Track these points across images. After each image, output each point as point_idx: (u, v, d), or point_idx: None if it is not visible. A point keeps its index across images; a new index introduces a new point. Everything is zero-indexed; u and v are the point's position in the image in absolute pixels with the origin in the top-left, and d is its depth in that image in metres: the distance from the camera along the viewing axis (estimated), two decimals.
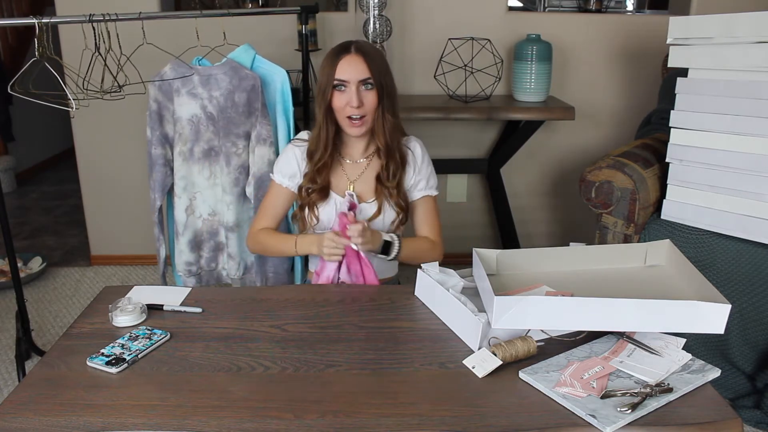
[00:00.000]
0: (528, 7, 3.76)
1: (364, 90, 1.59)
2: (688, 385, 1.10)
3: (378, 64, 1.61)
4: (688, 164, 1.99)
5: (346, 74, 1.58)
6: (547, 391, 1.08)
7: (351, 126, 1.62)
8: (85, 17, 1.93)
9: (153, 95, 2.09)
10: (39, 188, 4.64)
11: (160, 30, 2.19)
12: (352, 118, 1.61)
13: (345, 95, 1.59)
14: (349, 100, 1.58)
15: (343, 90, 1.59)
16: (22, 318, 2.31)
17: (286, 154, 1.76)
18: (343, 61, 1.59)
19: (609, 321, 1.17)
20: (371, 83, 1.59)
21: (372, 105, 1.61)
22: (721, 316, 1.14)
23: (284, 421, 1.03)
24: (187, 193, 2.14)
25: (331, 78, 1.59)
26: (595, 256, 1.46)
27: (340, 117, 1.63)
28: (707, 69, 1.90)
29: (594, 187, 2.12)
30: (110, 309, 1.35)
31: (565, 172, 3.15)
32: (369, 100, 1.60)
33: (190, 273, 2.19)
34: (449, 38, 2.74)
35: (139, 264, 3.25)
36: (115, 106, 2.17)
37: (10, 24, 2.74)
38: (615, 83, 3.02)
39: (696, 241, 1.98)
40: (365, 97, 1.59)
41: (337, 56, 1.60)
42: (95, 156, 3.08)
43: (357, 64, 1.58)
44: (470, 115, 2.67)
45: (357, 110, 1.59)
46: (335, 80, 1.59)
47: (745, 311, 1.92)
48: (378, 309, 1.41)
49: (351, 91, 1.58)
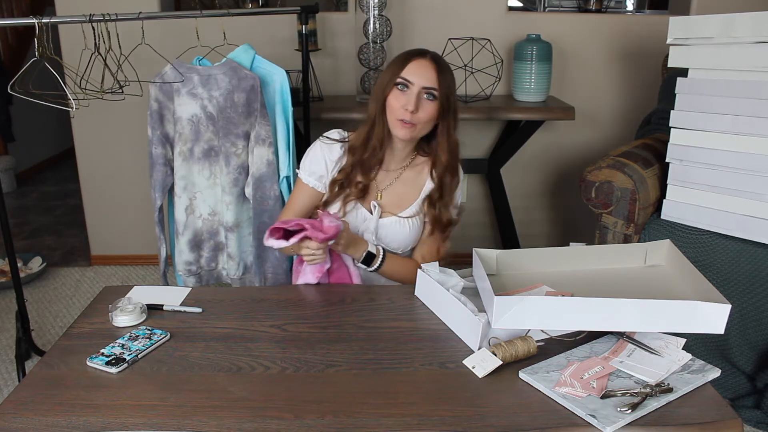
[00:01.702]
0: (528, 7, 3.76)
1: (425, 98, 1.53)
2: (688, 385, 1.10)
3: (448, 80, 1.56)
4: (688, 164, 1.99)
5: (413, 76, 1.53)
6: (547, 391, 1.08)
7: (401, 127, 1.55)
8: (85, 17, 1.93)
9: (154, 95, 2.09)
10: (39, 188, 4.64)
11: (160, 30, 2.19)
12: (403, 120, 1.54)
13: (405, 96, 1.53)
14: (407, 102, 1.52)
15: (404, 90, 1.53)
16: (22, 318, 2.31)
17: (314, 152, 1.67)
18: (415, 62, 1.53)
19: (609, 321, 1.17)
20: (435, 94, 1.53)
21: (427, 116, 1.54)
22: (721, 316, 1.14)
23: (284, 422, 1.03)
24: (187, 192, 2.14)
25: (396, 75, 1.53)
26: (595, 256, 1.46)
27: (392, 117, 1.56)
28: (707, 69, 1.90)
29: (594, 187, 2.12)
30: (110, 309, 1.34)
31: (565, 172, 3.15)
32: (426, 110, 1.54)
33: (190, 272, 2.19)
34: (449, 38, 2.74)
35: (139, 264, 3.24)
36: (115, 106, 2.17)
37: (10, 24, 2.74)
38: (615, 83, 3.02)
39: (696, 241, 1.98)
40: (423, 105, 1.53)
41: (410, 57, 1.55)
42: (95, 156, 3.08)
43: (427, 70, 1.53)
44: (470, 115, 2.67)
45: (411, 115, 1.52)
46: (400, 78, 1.53)
47: (745, 311, 1.92)
48: (378, 309, 1.41)
49: (412, 94, 1.52)
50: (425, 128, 1.58)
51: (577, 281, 1.39)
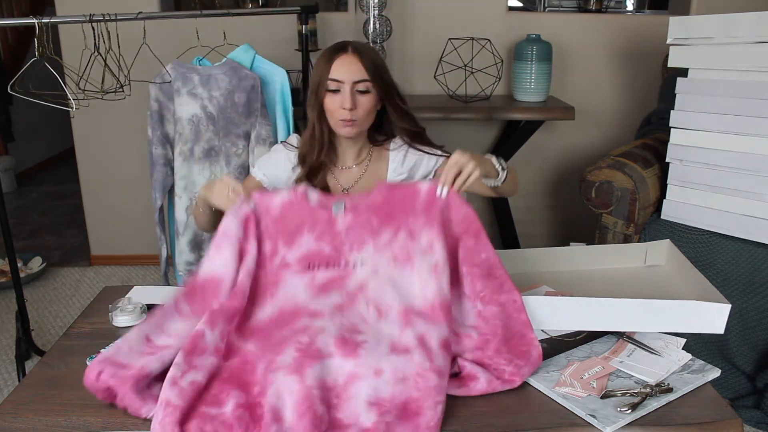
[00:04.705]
0: (528, 7, 3.76)
1: (359, 93, 1.51)
2: (688, 385, 1.10)
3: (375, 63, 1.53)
4: (688, 164, 1.99)
5: (341, 74, 1.51)
6: (547, 391, 1.08)
7: (344, 126, 1.53)
8: (85, 17, 1.93)
9: (154, 95, 2.09)
10: (39, 188, 4.64)
11: (160, 30, 2.19)
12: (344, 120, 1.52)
13: (339, 97, 1.51)
14: (343, 101, 1.50)
15: (337, 92, 1.51)
16: (22, 318, 2.31)
17: (277, 156, 1.64)
18: (339, 60, 1.51)
19: (609, 321, 1.17)
20: (368, 86, 1.51)
21: (366, 109, 1.53)
22: (720, 317, 1.14)
23: None
24: (188, 192, 2.14)
25: (324, 78, 1.52)
26: (595, 256, 1.46)
27: (333, 120, 1.54)
28: (707, 69, 1.90)
29: (594, 187, 2.12)
30: (110, 309, 1.35)
31: (565, 172, 3.15)
32: (363, 104, 1.52)
33: (190, 273, 2.19)
34: (449, 38, 2.74)
35: (139, 264, 3.24)
36: (115, 106, 2.17)
37: (10, 24, 2.74)
38: (615, 83, 3.02)
39: (696, 241, 1.98)
40: (359, 100, 1.51)
41: (333, 56, 1.52)
42: (95, 156, 3.08)
43: (352, 63, 1.51)
44: (470, 115, 2.67)
45: (350, 113, 1.51)
46: (329, 79, 1.51)
47: (745, 311, 1.92)
48: None
49: (345, 92, 1.50)
50: (368, 119, 1.56)
51: (577, 281, 1.39)
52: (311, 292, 1.25)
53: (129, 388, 1.04)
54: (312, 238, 1.29)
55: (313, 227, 1.30)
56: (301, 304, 1.23)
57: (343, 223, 1.30)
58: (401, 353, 1.10)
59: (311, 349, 1.10)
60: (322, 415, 1.00)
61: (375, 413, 1.01)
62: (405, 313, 1.17)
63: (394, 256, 1.26)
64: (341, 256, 1.29)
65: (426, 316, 1.16)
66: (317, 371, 1.05)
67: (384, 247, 1.28)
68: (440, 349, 1.11)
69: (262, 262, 1.27)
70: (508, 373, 1.09)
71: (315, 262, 1.28)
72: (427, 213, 1.27)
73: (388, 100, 1.57)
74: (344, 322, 1.17)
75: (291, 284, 1.26)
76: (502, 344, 1.12)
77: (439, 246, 1.22)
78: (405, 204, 1.29)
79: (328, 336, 1.13)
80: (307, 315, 1.20)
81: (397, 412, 1.01)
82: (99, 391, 1.06)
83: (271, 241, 1.29)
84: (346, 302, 1.23)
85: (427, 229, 1.25)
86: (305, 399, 1.01)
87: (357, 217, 1.30)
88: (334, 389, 1.05)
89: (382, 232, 1.29)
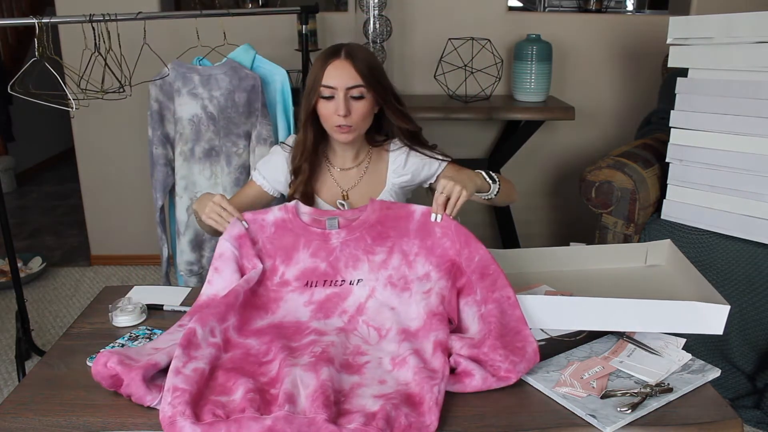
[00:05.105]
0: (528, 7, 3.76)
1: (353, 98, 1.50)
2: (688, 385, 1.10)
3: (369, 66, 1.52)
4: (688, 164, 1.99)
5: (335, 80, 1.49)
6: (547, 391, 1.08)
7: (340, 132, 1.52)
8: (85, 17, 1.93)
9: (154, 95, 2.09)
10: (39, 188, 4.64)
11: (160, 30, 2.19)
12: (340, 126, 1.52)
13: (333, 103, 1.49)
14: (337, 107, 1.49)
15: (331, 99, 1.50)
16: (22, 318, 2.31)
17: (275, 159, 1.65)
18: (332, 65, 1.50)
19: (609, 321, 1.17)
20: (362, 91, 1.50)
21: (361, 114, 1.52)
22: (720, 318, 1.14)
23: None
24: (188, 192, 2.14)
25: (318, 84, 1.50)
26: (595, 256, 1.46)
27: (328, 126, 1.54)
28: (707, 69, 1.90)
29: (594, 187, 2.12)
30: (110, 309, 1.35)
31: (565, 172, 3.15)
32: (358, 109, 1.51)
33: (191, 273, 2.19)
34: (449, 38, 2.74)
35: (139, 264, 3.24)
36: (115, 106, 2.17)
37: (10, 24, 2.74)
38: (615, 83, 3.02)
39: (696, 241, 1.98)
40: (353, 106, 1.50)
41: (326, 61, 1.51)
42: (95, 156, 3.08)
43: (345, 69, 1.49)
44: (470, 115, 2.67)
45: (345, 119, 1.50)
46: (322, 86, 1.49)
47: (745, 311, 1.92)
48: None
49: (339, 99, 1.49)
50: (365, 124, 1.55)
51: (577, 281, 1.39)
52: (311, 310, 1.29)
53: (135, 375, 1.05)
54: (307, 254, 1.33)
55: (308, 244, 1.34)
56: (303, 322, 1.27)
57: (337, 239, 1.34)
58: (401, 365, 1.14)
59: (324, 356, 1.13)
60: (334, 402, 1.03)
61: (380, 402, 1.04)
62: (402, 332, 1.22)
63: (391, 282, 1.30)
64: (338, 274, 1.32)
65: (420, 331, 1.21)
66: (331, 371, 1.09)
67: (379, 266, 1.31)
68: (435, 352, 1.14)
69: (262, 279, 1.31)
70: (504, 370, 1.10)
71: (312, 280, 1.32)
72: (421, 237, 1.32)
73: (385, 103, 1.56)
74: (348, 344, 1.21)
75: (291, 300, 1.30)
76: (497, 340, 1.13)
77: (436, 275, 1.28)
78: (399, 225, 1.33)
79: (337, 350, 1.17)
80: (314, 333, 1.23)
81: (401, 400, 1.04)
82: (105, 378, 1.07)
83: (270, 259, 1.33)
84: (347, 325, 1.26)
85: (423, 258, 1.30)
86: (320, 387, 1.04)
87: (351, 233, 1.34)
88: (341, 391, 1.08)
89: (376, 250, 1.32)
